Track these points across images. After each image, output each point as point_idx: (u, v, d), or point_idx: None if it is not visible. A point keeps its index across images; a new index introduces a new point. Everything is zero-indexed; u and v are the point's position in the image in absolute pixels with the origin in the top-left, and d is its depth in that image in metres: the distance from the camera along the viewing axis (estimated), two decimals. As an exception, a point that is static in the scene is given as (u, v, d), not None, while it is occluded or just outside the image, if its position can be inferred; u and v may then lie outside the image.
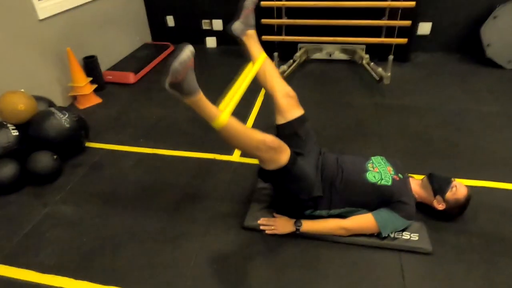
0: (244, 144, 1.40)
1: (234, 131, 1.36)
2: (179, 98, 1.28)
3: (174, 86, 1.23)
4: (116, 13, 3.46)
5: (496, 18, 3.11)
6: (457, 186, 1.61)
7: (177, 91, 1.25)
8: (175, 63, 1.15)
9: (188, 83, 1.23)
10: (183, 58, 1.16)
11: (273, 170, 1.45)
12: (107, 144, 2.35)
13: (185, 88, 1.23)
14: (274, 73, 1.73)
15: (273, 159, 1.41)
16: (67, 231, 1.70)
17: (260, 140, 1.37)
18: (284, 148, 1.44)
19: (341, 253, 1.53)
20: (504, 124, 2.41)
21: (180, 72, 1.17)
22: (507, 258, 1.49)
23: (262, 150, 1.38)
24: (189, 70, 1.22)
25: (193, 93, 1.27)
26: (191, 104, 1.31)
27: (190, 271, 1.48)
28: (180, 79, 1.19)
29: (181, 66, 1.16)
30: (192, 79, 1.24)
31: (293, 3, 3.16)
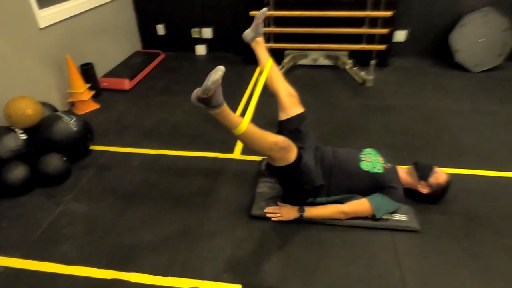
0: (260, 145, 1.56)
1: (252, 136, 1.52)
2: (204, 109, 1.43)
3: (202, 100, 1.38)
4: (109, 22, 3.56)
5: (463, 27, 3.44)
6: (438, 172, 1.83)
7: (204, 104, 1.40)
8: (208, 83, 1.31)
9: (216, 98, 1.38)
10: (216, 77, 1.31)
11: (282, 167, 1.62)
12: (110, 146, 2.45)
13: (213, 102, 1.38)
14: (278, 76, 1.96)
15: (283, 157, 1.59)
16: (83, 227, 1.79)
17: (273, 142, 1.54)
18: (292, 147, 1.61)
19: (341, 234, 1.71)
20: (475, 119, 2.69)
21: (211, 90, 1.33)
22: (483, 232, 1.71)
23: (274, 150, 1.55)
24: (218, 88, 1.37)
25: (218, 106, 1.41)
26: (214, 115, 1.45)
27: (205, 257, 1.61)
28: (210, 95, 1.34)
29: (213, 85, 1.32)
30: (219, 94, 1.39)
31: (280, 13, 3.38)
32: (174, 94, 3.21)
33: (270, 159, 1.62)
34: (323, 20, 3.39)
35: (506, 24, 3.35)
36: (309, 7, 3.35)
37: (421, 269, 1.53)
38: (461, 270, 1.53)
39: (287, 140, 1.59)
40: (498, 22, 3.36)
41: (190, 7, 3.92)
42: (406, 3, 3.51)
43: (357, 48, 3.45)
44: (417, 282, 1.47)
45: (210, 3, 3.86)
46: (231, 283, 1.49)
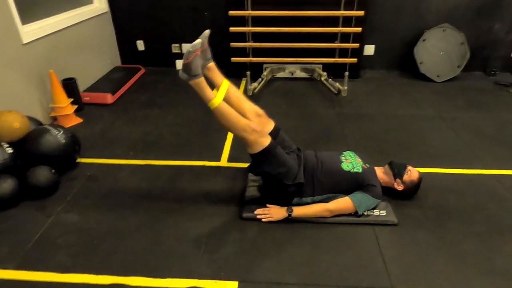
0: (233, 123, 1.74)
1: (225, 112, 1.73)
2: (187, 80, 1.67)
3: (185, 67, 1.63)
4: (90, 38, 3.61)
5: (425, 41, 3.77)
6: (411, 170, 2.01)
7: (186, 73, 1.65)
8: (189, 47, 1.61)
9: (195, 66, 1.64)
10: (195, 43, 1.61)
11: (259, 153, 1.77)
12: (97, 158, 2.47)
13: (193, 69, 1.63)
14: (240, 97, 1.92)
15: (257, 141, 1.75)
16: (76, 236, 1.80)
17: (246, 123, 1.74)
18: (265, 134, 1.80)
19: (327, 231, 1.83)
20: (439, 125, 2.95)
21: (191, 53, 1.59)
22: (453, 222, 1.89)
23: (248, 131, 1.72)
24: (197, 56, 1.64)
25: (197, 76, 1.66)
26: (194, 86, 1.69)
27: (201, 257, 1.68)
28: (190, 60, 1.60)
29: (192, 49, 1.60)
30: (198, 63, 1.66)
31: (258, 29, 3.56)
32: (157, 107, 3.28)
33: (246, 143, 1.77)
34: (299, 35, 3.60)
35: (462, 38, 3.71)
36: (286, 23, 3.56)
37: (401, 258, 1.68)
38: (437, 256, 1.69)
39: (260, 126, 1.79)
40: (455, 36, 3.72)
41: (170, 23, 4.04)
42: (374, 20, 3.81)
43: (330, 62, 3.68)
44: (398, 270, 1.62)
45: (190, 19, 4.00)
46: (228, 280, 1.57)
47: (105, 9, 3.90)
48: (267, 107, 2.04)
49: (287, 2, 3.54)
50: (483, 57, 4.00)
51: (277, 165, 1.81)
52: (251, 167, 1.89)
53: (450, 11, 3.79)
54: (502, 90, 3.64)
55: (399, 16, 3.86)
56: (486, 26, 3.86)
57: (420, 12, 3.82)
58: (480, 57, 3.98)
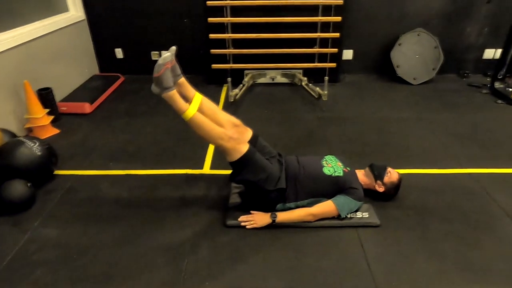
0: (209, 133, 1.75)
1: (200, 122, 1.74)
2: (159, 93, 1.68)
3: (157, 80, 1.64)
4: (66, 47, 3.53)
5: (401, 45, 3.88)
6: (391, 172, 2.06)
7: (159, 85, 1.66)
8: (159, 61, 1.61)
9: (166, 78, 1.65)
10: (164, 56, 1.63)
11: (238, 160, 1.77)
12: (76, 170, 2.41)
13: (164, 82, 1.65)
14: (215, 109, 1.90)
15: (235, 148, 1.76)
16: (55, 252, 1.74)
17: (222, 131, 1.76)
18: (243, 141, 1.81)
19: (311, 234, 1.84)
20: (418, 126, 3.03)
21: (161, 67, 1.60)
22: (432, 221, 1.94)
23: (224, 139, 1.73)
24: (167, 69, 1.65)
25: (169, 88, 1.67)
26: (167, 99, 1.70)
27: (185, 267, 1.65)
28: (160, 73, 1.60)
29: (162, 62, 1.61)
30: (169, 76, 1.67)
31: (238, 36, 3.58)
32: (137, 116, 3.23)
33: (225, 152, 1.77)
34: (279, 41, 3.64)
35: (436, 42, 3.84)
36: (266, 29, 3.59)
37: (384, 258, 1.71)
38: (418, 255, 1.72)
39: (237, 133, 1.80)
40: (429, 40, 3.85)
41: (149, 30, 4.01)
42: (351, 26, 3.89)
43: (310, 66, 3.74)
44: (382, 270, 1.64)
45: (169, 26, 3.98)
46: (213, 289, 1.55)
47: (81, 17, 3.83)
48: (248, 113, 2.05)
49: (266, 9, 3.58)
50: (456, 60, 4.15)
51: (257, 171, 1.81)
52: (232, 176, 1.88)
53: (424, 16, 3.92)
54: (474, 91, 3.78)
55: (375, 21, 3.96)
56: (457, 30, 4.01)
57: (395, 17, 3.94)
58: (453, 60, 4.13)
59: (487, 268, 1.65)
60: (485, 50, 4.13)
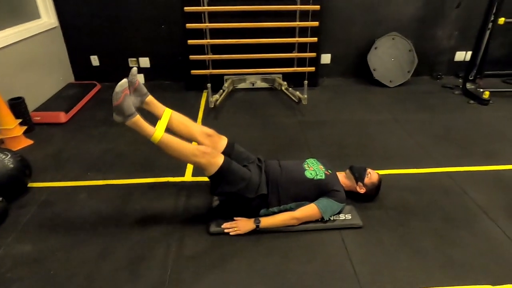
0: (181, 152, 1.71)
1: (170, 143, 1.69)
2: (123, 122, 1.62)
3: (117, 109, 1.57)
4: (38, 54, 3.42)
5: (377, 49, 3.98)
6: (371, 173, 2.09)
7: (120, 114, 1.58)
8: (115, 89, 1.55)
9: (127, 105, 1.58)
10: (120, 84, 1.57)
11: (215, 174, 1.74)
12: (51, 182, 2.32)
13: (125, 109, 1.58)
14: (186, 122, 1.92)
15: (211, 162, 1.73)
16: (31, 268, 1.66)
17: (195, 148, 1.72)
18: (217, 153, 1.78)
19: (295, 239, 1.84)
20: (395, 127, 3.10)
21: (119, 94, 1.54)
22: (413, 220, 1.98)
23: (198, 155, 1.70)
24: (126, 95, 1.58)
25: (132, 115, 1.61)
26: (132, 125, 1.64)
27: (168, 277, 1.61)
28: (120, 101, 1.54)
29: (119, 89, 1.55)
30: (130, 102, 1.61)
31: (217, 41, 3.57)
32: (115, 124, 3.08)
33: (201, 168, 1.75)
34: (258, 46, 3.65)
35: (410, 45, 3.96)
36: (244, 34, 3.59)
37: (368, 259, 1.72)
38: (400, 254, 1.75)
39: (210, 147, 1.77)
40: (404, 44, 3.96)
41: (125, 37, 3.94)
42: (328, 30, 3.96)
43: (290, 71, 3.77)
44: (366, 271, 1.65)
45: (146, 33, 3.93)
46: (198, 299, 1.52)
47: (54, 24, 3.73)
48: (229, 118, 2.04)
49: (244, 14, 3.59)
50: (429, 62, 4.30)
51: (236, 181, 1.79)
52: (212, 190, 1.86)
53: (398, 21, 4.04)
54: (448, 92, 3.92)
55: (351, 26, 4.05)
56: (430, 34, 4.15)
57: (370, 22, 4.03)
58: (427, 62, 4.27)
59: (466, 264, 1.69)
60: (456, 53, 4.29)
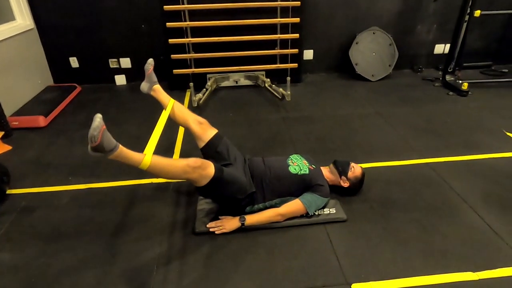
0: (172, 173, 1.65)
1: (160, 167, 1.60)
2: (104, 157, 1.43)
3: (96, 149, 1.38)
4: (14, 57, 3.33)
5: (358, 43, 4.02)
6: (354, 167, 2.11)
7: (100, 152, 1.40)
8: (91, 131, 1.34)
9: (107, 141, 1.40)
10: (95, 124, 1.35)
11: (207, 184, 1.71)
12: (31, 188, 2.26)
13: (106, 146, 1.40)
14: (183, 110, 2.07)
15: (202, 175, 1.69)
16: (11, 276, 1.62)
17: (185, 165, 1.64)
18: (207, 164, 1.72)
19: (281, 235, 1.85)
20: (378, 121, 3.14)
21: (97, 136, 1.34)
22: (395, 212, 2.01)
23: (189, 172, 1.64)
24: (104, 132, 1.39)
25: (114, 149, 1.44)
26: (116, 158, 1.47)
27: (154, 280, 1.60)
28: (99, 141, 1.36)
29: (95, 132, 1.34)
30: (109, 137, 1.42)
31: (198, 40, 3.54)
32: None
33: (192, 182, 1.72)
34: (240, 44, 3.64)
35: (390, 40, 4.01)
36: (225, 32, 3.57)
37: (353, 252, 1.74)
38: (384, 246, 1.78)
39: (199, 159, 1.69)
40: (384, 38, 4.01)
41: (105, 37, 3.87)
42: (310, 26, 3.98)
43: (273, 68, 3.77)
44: (351, 264, 1.67)
45: (126, 32, 3.86)
46: (184, 300, 1.51)
47: (30, 25, 3.63)
48: (213, 117, 2.04)
49: (225, 12, 3.57)
50: (409, 55, 4.36)
51: (228, 187, 1.79)
52: (201, 194, 1.85)
53: (378, 15, 4.08)
54: (428, 84, 3.99)
55: (332, 21, 4.07)
56: (409, 28, 4.22)
57: (351, 16, 4.07)
58: (407, 56, 4.33)
59: (447, 252, 1.73)
60: (436, 46, 4.37)
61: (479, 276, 1.60)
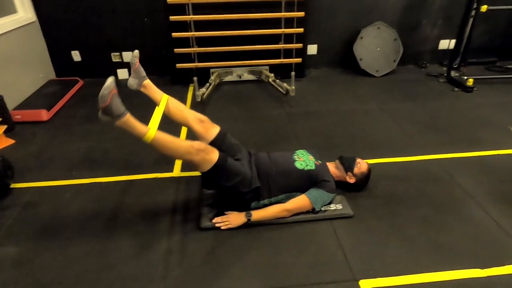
0: (175, 151, 1.66)
1: (163, 142, 1.62)
2: (112, 123, 1.49)
3: (105, 110, 1.44)
4: (16, 51, 3.30)
5: (362, 38, 3.98)
6: (360, 162, 2.09)
7: (108, 115, 1.46)
8: (101, 91, 1.41)
9: (116, 105, 1.46)
10: (107, 84, 1.43)
11: (210, 170, 1.70)
12: (35, 182, 2.25)
13: (114, 110, 1.45)
14: (180, 107, 1.95)
15: (205, 159, 1.69)
16: (15, 272, 1.61)
17: (189, 145, 1.65)
18: (212, 149, 1.72)
19: (287, 231, 1.84)
20: (382, 117, 3.12)
21: (106, 96, 1.40)
22: (401, 208, 1.99)
23: (192, 153, 1.65)
24: (114, 95, 1.45)
25: (122, 115, 1.49)
26: (122, 125, 1.52)
27: (160, 275, 1.59)
28: (108, 102, 1.41)
29: (106, 91, 1.41)
30: (118, 102, 1.48)
31: (201, 33, 3.50)
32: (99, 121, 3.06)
33: (195, 165, 1.71)
34: (244, 38, 3.60)
35: (395, 35, 3.97)
36: (230, 26, 3.54)
37: (360, 248, 1.73)
38: (390, 242, 1.76)
39: (204, 143, 1.71)
40: (389, 33, 3.97)
41: (107, 31, 3.83)
42: (314, 21, 3.94)
43: (276, 62, 3.73)
44: (358, 260, 1.66)
45: (128, 26, 3.83)
46: (190, 295, 1.50)
47: (31, 18, 3.59)
48: (217, 112, 2.01)
49: (229, 6, 3.53)
50: (414, 51, 4.32)
51: (231, 177, 1.77)
52: (204, 184, 1.83)
53: (383, 10, 4.04)
54: (433, 80, 3.96)
55: (337, 15, 4.03)
56: (414, 23, 4.17)
57: (356, 11, 4.02)
58: (412, 51, 4.29)
59: (454, 249, 1.72)
60: (440, 41, 4.33)
61: (487, 273, 1.59)
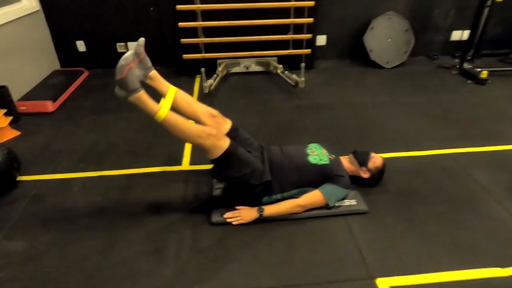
0: (186, 133, 1.62)
1: (174, 122, 1.59)
2: (126, 97, 1.50)
3: (121, 83, 1.45)
4: (20, 41, 3.24)
5: (373, 29, 3.88)
6: (374, 157, 2.03)
7: (123, 88, 1.47)
8: (120, 61, 1.44)
9: (132, 79, 1.48)
10: (126, 55, 1.46)
11: (220, 158, 1.66)
12: (42, 175, 2.21)
13: (130, 84, 1.47)
14: (189, 100, 1.84)
15: (216, 145, 1.64)
16: (24, 267, 1.58)
17: (200, 130, 1.62)
18: (223, 136, 1.69)
19: (300, 226, 1.79)
20: (394, 109, 3.05)
21: (124, 67, 1.42)
22: (417, 204, 1.94)
23: (203, 137, 1.61)
24: (131, 69, 1.47)
25: (136, 90, 1.51)
26: (135, 101, 1.53)
27: (170, 271, 1.55)
28: (125, 74, 1.43)
29: (124, 62, 1.44)
30: (134, 77, 1.49)
31: (209, 23, 3.42)
32: (105, 112, 3.03)
33: (205, 150, 1.67)
34: (252, 28, 3.51)
35: (406, 25, 3.87)
36: (237, 16, 3.45)
37: (375, 245, 1.68)
38: (406, 238, 1.71)
39: (215, 129, 1.67)
40: (400, 24, 3.87)
41: (113, 21, 3.76)
42: (324, 11, 3.84)
43: (285, 53, 3.65)
44: (374, 257, 1.61)
45: (134, 16, 3.75)
46: (203, 293, 1.46)
47: (36, 7, 3.52)
48: (224, 104, 1.95)
49: (237, -5, 3.43)
50: (425, 42, 4.22)
51: (241, 167, 1.72)
52: (214, 173, 1.78)
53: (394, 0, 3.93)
54: (445, 72, 3.86)
55: (347, 5, 3.92)
56: (426, 13, 4.06)
57: (367, 1, 3.91)
58: (423, 42, 4.19)
59: (473, 246, 1.67)
60: (453, 32, 4.22)
61: (509, 272, 1.53)
